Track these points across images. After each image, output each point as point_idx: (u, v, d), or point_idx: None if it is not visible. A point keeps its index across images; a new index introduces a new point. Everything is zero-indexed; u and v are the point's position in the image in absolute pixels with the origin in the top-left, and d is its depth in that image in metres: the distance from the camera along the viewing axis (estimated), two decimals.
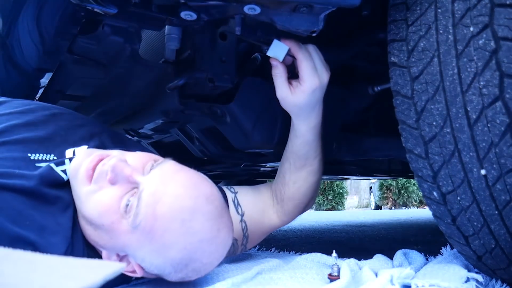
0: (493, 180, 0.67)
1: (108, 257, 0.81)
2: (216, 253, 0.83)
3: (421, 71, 0.71)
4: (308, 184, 1.08)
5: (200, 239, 0.78)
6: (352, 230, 2.78)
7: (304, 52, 0.90)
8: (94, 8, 0.74)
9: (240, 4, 0.69)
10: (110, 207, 0.76)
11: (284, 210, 1.12)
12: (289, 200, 1.10)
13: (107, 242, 0.78)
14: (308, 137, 1.01)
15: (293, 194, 1.09)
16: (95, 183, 0.78)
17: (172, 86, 1.04)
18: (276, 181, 1.13)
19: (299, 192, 1.09)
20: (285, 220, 1.13)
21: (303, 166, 1.05)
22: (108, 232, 0.77)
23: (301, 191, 1.08)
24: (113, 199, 0.76)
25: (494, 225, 0.71)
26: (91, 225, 0.78)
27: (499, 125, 0.64)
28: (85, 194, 0.79)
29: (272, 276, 0.89)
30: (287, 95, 0.93)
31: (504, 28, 0.62)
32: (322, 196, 10.67)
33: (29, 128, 0.90)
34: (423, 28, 0.71)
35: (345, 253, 1.13)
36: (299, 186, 1.08)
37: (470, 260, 0.82)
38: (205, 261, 0.82)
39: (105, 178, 0.78)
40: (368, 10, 0.95)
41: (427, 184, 0.76)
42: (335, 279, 0.83)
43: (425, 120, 0.72)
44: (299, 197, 1.09)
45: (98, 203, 0.77)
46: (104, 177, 0.78)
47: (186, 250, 0.78)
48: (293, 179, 1.07)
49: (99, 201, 0.77)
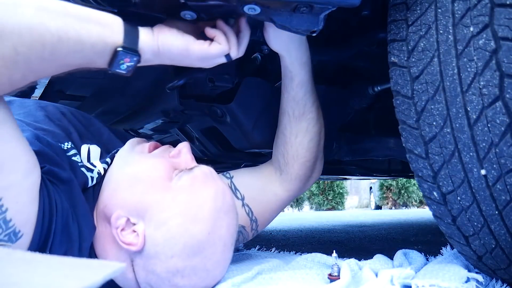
0: (493, 180, 0.67)
1: (117, 218, 0.79)
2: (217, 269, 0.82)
3: (421, 71, 0.71)
4: (310, 135, 1.05)
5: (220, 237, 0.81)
6: (352, 230, 2.78)
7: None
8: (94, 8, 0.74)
9: (240, 4, 0.69)
10: (166, 166, 0.84)
11: (289, 177, 1.09)
12: (293, 160, 1.07)
13: (133, 199, 0.80)
14: (303, 75, 0.99)
15: (296, 151, 1.06)
16: (155, 153, 0.88)
17: (172, 86, 1.04)
18: (276, 146, 1.10)
19: (302, 147, 1.06)
20: (292, 189, 1.11)
21: (303, 115, 1.03)
22: (144, 187, 0.80)
23: (304, 144, 1.06)
24: (169, 164, 0.85)
25: (494, 225, 0.71)
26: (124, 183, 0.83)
27: (499, 125, 0.64)
28: (140, 156, 0.87)
29: (272, 276, 0.89)
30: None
31: (504, 28, 0.62)
32: (322, 196, 10.67)
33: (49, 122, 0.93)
34: (423, 28, 0.71)
35: (345, 253, 1.13)
36: (301, 139, 1.05)
37: (470, 260, 0.82)
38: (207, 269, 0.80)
39: (167, 152, 0.88)
40: (368, 10, 0.95)
41: (427, 184, 0.76)
42: (335, 279, 0.83)
43: (425, 120, 0.72)
44: (303, 153, 1.06)
45: (155, 162, 0.85)
46: (167, 151, 0.88)
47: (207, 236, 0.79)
48: (294, 133, 1.05)
49: (156, 161, 0.85)
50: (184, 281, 0.79)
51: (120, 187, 0.83)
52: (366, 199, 12.82)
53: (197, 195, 0.81)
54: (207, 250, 0.79)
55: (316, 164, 1.12)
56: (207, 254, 0.79)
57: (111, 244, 0.81)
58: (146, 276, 0.79)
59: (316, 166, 1.12)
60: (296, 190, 1.12)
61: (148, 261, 0.78)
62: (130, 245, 0.78)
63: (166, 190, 0.81)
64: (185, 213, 0.79)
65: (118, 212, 0.79)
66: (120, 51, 0.69)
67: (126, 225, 0.79)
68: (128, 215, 0.79)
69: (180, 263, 0.78)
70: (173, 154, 0.88)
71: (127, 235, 0.79)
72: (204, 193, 0.82)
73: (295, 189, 1.11)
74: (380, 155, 1.39)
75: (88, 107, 1.40)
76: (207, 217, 0.80)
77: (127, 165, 0.86)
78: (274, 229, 2.95)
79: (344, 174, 2.01)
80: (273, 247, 1.38)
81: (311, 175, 1.13)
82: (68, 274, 0.54)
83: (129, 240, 0.78)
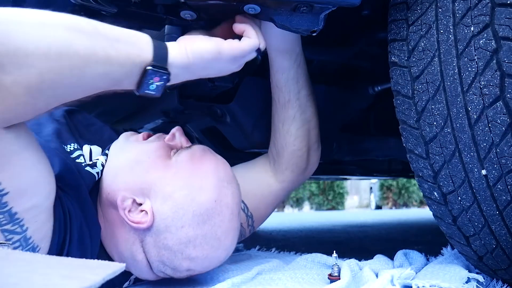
0: (494, 180, 0.67)
1: (123, 200, 0.80)
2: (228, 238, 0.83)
3: (421, 71, 0.71)
4: (298, 123, 1.03)
5: (227, 204, 0.82)
6: (352, 231, 2.78)
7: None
8: (94, 8, 0.74)
9: (240, 3, 0.69)
10: (163, 147, 0.86)
11: (281, 167, 1.08)
12: (283, 149, 1.06)
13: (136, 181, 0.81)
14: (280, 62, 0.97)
15: (285, 139, 1.04)
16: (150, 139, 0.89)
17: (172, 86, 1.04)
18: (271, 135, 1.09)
19: (290, 135, 1.04)
20: (285, 180, 1.09)
21: (288, 102, 1.01)
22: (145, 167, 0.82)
23: (291, 132, 1.03)
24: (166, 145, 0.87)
25: (495, 226, 0.70)
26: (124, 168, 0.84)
27: (500, 125, 0.64)
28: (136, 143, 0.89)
29: (272, 276, 0.88)
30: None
31: (504, 28, 0.62)
32: (322, 196, 10.67)
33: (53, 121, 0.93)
34: (424, 27, 0.70)
35: (345, 253, 1.13)
36: (288, 127, 1.03)
37: (471, 261, 0.82)
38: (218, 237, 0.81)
39: (162, 138, 0.89)
40: (368, 9, 0.95)
41: (427, 184, 0.76)
42: (336, 280, 0.82)
43: (426, 120, 0.72)
44: (291, 141, 1.04)
45: (153, 144, 0.87)
46: (162, 137, 0.90)
47: (214, 203, 0.81)
48: (281, 120, 1.03)
49: (154, 143, 0.87)
50: (197, 251, 0.80)
51: (120, 172, 0.84)
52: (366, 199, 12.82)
53: (199, 167, 0.83)
54: (215, 218, 0.81)
55: (310, 155, 1.09)
56: (216, 222, 0.81)
57: (120, 228, 0.82)
58: (158, 253, 0.80)
59: (310, 157, 1.10)
60: (290, 182, 1.10)
61: (158, 237, 0.79)
62: (139, 224, 0.79)
63: (167, 166, 0.83)
64: (190, 184, 0.81)
65: (123, 194, 0.80)
66: (149, 69, 0.66)
67: (132, 206, 0.80)
68: (133, 195, 0.80)
69: (191, 232, 0.79)
70: (168, 138, 0.89)
71: (135, 216, 0.80)
72: (205, 164, 0.84)
73: (288, 180, 1.09)
74: (381, 155, 1.39)
75: (88, 107, 1.40)
76: (211, 186, 0.82)
77: (124, 152, 0.87)
78: (274, 229, 2.95)
79: (344, 174, 2.00)
80: (273, 247, 1.38)
81: (305, 167, 1.10)
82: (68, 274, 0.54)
83: (137, 219, 0.79)
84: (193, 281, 0.90)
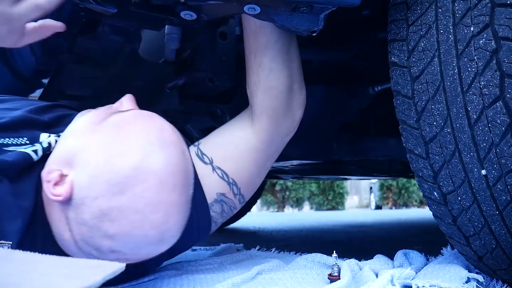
0: (494, 180, 0.67)
1: (48, 172, 0.72)
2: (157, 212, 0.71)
3: (421, 71, 0.71)
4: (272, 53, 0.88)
5: (154, 172, 0.71)
6: (352, 230, 2.78)
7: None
8: (94, 8, 0.74)
9: (240, 4, 0.69)
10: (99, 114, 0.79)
11: (256, 112, 0.94)
12: (256, 87, 0.91)
13: (62, 151, 0.74)
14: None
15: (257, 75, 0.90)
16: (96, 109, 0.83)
17: (172, 85, 1.04)
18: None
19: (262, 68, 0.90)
20: (261, 129, 0.94)
21: (260, 28, 0.87)
22: (75, 136, 0.76)
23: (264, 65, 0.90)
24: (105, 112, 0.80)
25: (495, 226, 0.71)
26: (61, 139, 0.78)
27: (500, 125, 0.64)
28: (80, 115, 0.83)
29: (272, 276, 0.89)
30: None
31: (504, 28, 0.62)
32: (322, 196, 10.67)
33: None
34: (424, 27, 0.70)
35: (345, 253, 1.13)
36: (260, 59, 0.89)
37: (470, 261, 0.82)
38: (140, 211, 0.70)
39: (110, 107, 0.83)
40: (368, 9, 0.95)
41: (427, 184, 0.76)
42: (336, 280, 0.82)
43: (426, 120, 0.72)
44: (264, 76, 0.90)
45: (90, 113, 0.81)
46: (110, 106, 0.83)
47: (135, 171, 0.70)
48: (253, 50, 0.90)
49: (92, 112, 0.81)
50: (114, 227, 0.70)
51: (56, 146, 0.77)
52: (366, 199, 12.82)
53: (124, 130, 0.74)
54: (135, 188, 0.70)
55: (290, 97, 0.94)
56: (137, 192, 0.70)
57: (51, 206, 0.74)
58: (79, 230, 0.71)
59: (291, 100, 0.94)
60: (267, 131, 0.94)
61: (77, 211, 0.71)
62: (57, 196, 0.70)
63: (94, 132, 0.75)
64: (109, 150, 0.72)
65: (49, 167, 0.73)
66: None
67: (60, 179, 0.71)
68: (60, 167, 0.72)
69: (104, 203, 0.69)
70: (115, 106, 0.82)
71: (58, 189, 0.71)
72: (133, 127, 0.74)
73: (265, 128, 0.94)
74: (380, 155, 1.39)
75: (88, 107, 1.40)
76: (134, 152, 0.71)
77: (68, 127, 0.81)
78: (274, 229, 2.95)
79: (344, 174, 2.01)
80: (273, 247, 1.38)
81: (283, 111, 0.94)
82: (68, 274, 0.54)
83: (58, 192, 0.71)
84: (193, 281, 0.90)
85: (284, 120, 0.96)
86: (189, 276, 0.93)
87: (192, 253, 1.41)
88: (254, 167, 0.96)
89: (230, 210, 0.96)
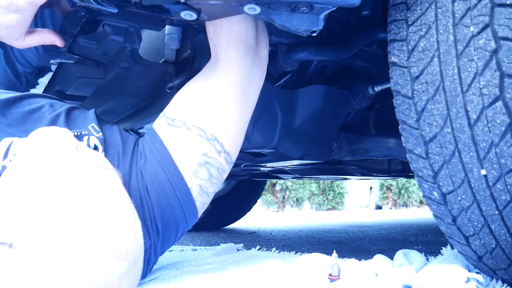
0: (494, 180, 0.67)
1: None
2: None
3: (421, 71, 0.71)
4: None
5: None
6: (352, 230, 2.78)
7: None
8: (94, 8, 0.74)
9: (240, 4, 0.69)
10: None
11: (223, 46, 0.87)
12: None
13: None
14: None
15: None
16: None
17: (172, 86, 1.04)
18: None
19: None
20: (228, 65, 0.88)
21: None
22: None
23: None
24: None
25: (494, 225, 0.71)
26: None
27: (500, 125, 0.64)
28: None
29: (272, 276, 0.89)
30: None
31: (504, 28, 0.62)
32: (322, 196, 10.67)
33: None
34: (424, 28, 0.70)
35: (345, 253, 1.13)
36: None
37: (470, 260, 0.82)
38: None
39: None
40: (368, 10, 0.95)
41: (427, 184, 0.76)
42: (336, 280, 0.82)
43: (426, 120, 0.72)
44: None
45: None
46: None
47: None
48: None
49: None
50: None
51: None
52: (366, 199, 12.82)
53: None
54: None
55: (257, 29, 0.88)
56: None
57: None
58: None
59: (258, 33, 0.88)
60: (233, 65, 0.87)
61: None
62: None
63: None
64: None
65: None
66: None
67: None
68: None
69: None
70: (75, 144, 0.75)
71: None
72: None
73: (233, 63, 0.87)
74: (380, 155, 1.38)
75: (88, 107, 1.40)
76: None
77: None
78: (274, 229, 2.95)
79: (344, 174, 2.00)
80: (273, 247, 1.38)
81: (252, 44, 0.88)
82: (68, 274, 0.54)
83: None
84: (193, 280, 0.90)
85: (254, 55, 0.90)
86: (189, 276, 0.93)
87: (192, 253, 1.42)
88: (232, 116, 0.89)
89: (218, 173, 0.88)
